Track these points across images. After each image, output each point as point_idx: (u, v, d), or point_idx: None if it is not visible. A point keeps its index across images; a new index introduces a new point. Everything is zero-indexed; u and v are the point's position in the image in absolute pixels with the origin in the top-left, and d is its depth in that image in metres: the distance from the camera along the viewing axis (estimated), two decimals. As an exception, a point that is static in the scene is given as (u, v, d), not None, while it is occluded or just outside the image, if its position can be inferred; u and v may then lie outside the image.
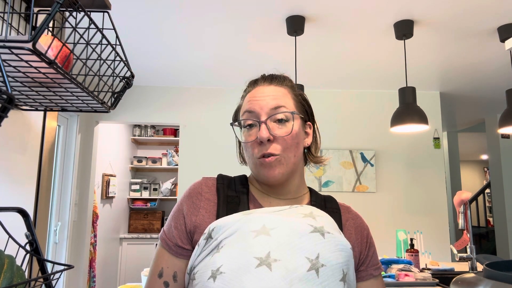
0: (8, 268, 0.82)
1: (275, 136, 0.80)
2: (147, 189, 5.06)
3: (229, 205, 0.82)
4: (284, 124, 0.81)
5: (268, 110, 0.81)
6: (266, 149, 0.79)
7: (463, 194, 2.04)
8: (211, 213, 0.81)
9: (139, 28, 2.66)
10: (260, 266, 0.68)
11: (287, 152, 0.81)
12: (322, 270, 0.69)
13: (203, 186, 0.85)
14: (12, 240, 0.92)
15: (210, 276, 0.70)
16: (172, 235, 0.81)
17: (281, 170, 0.80)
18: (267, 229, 0.73)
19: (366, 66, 3.35)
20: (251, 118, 0.82)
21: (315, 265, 0.69)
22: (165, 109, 3.96)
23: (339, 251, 0.73)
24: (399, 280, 1.97)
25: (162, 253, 0.81)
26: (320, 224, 0.75)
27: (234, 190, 0.85)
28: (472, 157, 8.82)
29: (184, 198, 0.85)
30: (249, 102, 0.84)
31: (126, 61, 1.04)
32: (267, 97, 0.83)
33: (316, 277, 0.69)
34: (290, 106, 0.84)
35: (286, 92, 0.86)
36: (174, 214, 0.84)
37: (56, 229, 3.26)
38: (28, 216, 0.98)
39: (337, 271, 0.71)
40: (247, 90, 0.89)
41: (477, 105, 4.59)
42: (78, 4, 0.83)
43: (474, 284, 0.68)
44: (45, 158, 1.35)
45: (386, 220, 3.83)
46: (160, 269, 0.80)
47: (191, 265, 0.77)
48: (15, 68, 0.83)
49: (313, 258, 0.70)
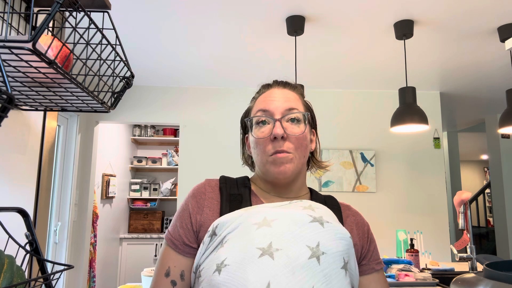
0: (8, 268, 0.82)
1: (288, 135, 0.83)
2: (147, 189, 5.06)
3: (232, 203, 0.84)
4: (297, 125, 0.85)
5: (283, 110, 0.85)
6: (280, 146, 0.82)
7: (463, 194, 2.04)
8: (215, 211, 0.83)
9: (139, 28, 2.66)
10: (263, 256, 0.70)
11: (298, 151, 0.84)
12: (323, 258, 0.71)
13: (206, 186, 0.88)
14: (12, 240, 0.92)
15: (215, 270, 0.71)
16: (178, 234, 0.83)
17: (291, 168, 0.83)
18: (268, 221, 0.75)
19: (366, 66, 3.35)
20: (265, 116, 0.86)
21: (315, 253, 0.71)
22: (165, 109, 3.96)
23: (338, 239, 0.75)
24: (399, 280, 1.97)
25: (168, 252, 0.82)
26: (319, 215, 0.78)
27: (237, 189, 0.87)
28: (472, 157, 8.82)
29: (188, 198, 0.87)
30: (263, 102, 0.88)
31: (126, 61, 1.04)
32: (282, 98, 0.87)
33: (317, 265, 0.70)
34: (301, 109, 0.88)
35: (297, 97, 0.91)
36: (179, 215, 0.85)
37: (56, 229, 3.26)
38: (28, 216, 0.98)
39: (337, 258, 0.73)
40: (260, 91, 0.93)
41: (477, 105, 4.59)
42: (78, 4, 0.83)
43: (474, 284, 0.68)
44: (45, 158, 1.35)
45: (386, 220, 3.83)
46: (167, 268, 0.81)
47: (197, 263, 0.78)
48: (15, 68, 0.83)
49: (313, 246, 0.72)
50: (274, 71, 3.45)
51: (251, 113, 0.91)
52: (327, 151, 3.90)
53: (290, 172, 0.83)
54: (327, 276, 0.70)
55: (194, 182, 3.84)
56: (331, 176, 3.88)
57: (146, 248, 4.74)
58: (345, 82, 3.82)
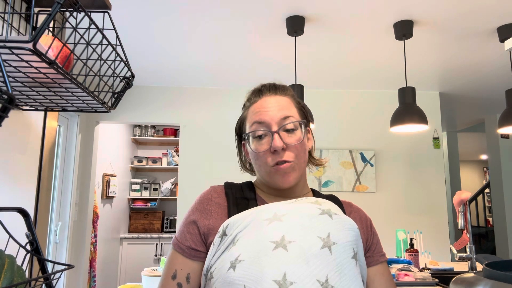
0: (8, 268, 0.82)
1: (287, 145, 0.85)
2: (147, 189, 5.06)
3: (239, 206, 0.86)
4: (294, 133, 0.86)
5: (278, 120, 0.86)
6: (281, 157, 0.84)
7: (463, 194, 2.04)
8: (223, 215, 0.85)
9: (139, 28, 2.66)
10: (277, 248, 0.72)
11: (299, 158, 0.86)
12: (334, 248, 0.73)
13: (212, 192, 0.89)
14: (13, 240, 0.92)
15: (229, 267, 0.72)
16: (185, 239, 0.84)
17: (295, 176, 0.86)
18: (278, 216, 0.77)
19: (366, 66, 3.35)
20: (261, 129, 0.86)
21: (327, 243, 0.73)
22: (165, 109, 3.96)
23: (347, 230, 0.77)
24: (399, 280, 1.97)
25: (175, 256, 0.84)
26: (327, 207, 0.80)
27: (242, 193, 0.89)
28: (471, 157, 8.82)
29: (195, 205, 0.88)
30: (258, 113, 0.87)
31: (127, 61, 1.05)
32: (275, 107, 0.87)
33: (329, 254, 0.72)
34: (295, 115, 0.88)
35: (289, 101, 0.90)
36: (185, 221, 0.87)
37: (57, 229, 3.27)
38: (28, 216, 0.98)
39: (348, 248, 0.75)
40: (251, 100, 0.92)
41: (477, 105, 4.59)
42: (78, 4, 0.83)
43: (473, 283, 0.68)
44: (45, 158, 1.36)
45: (386, 220, 3.83)
46: (174, 271, 0.82)
47: (208, 265, 0.79)
48: (15, 68, 0.83)
49: (324, 237, 0.74)
50: (274, 71, 3.45)
51: (245, 123, 0.91)
52: (327, 151, 3.90)
53: (294, 180, 0.86)
54: (340, 265, 0.72)
55: (194, 182, 3.85)
56: (331, 176, 3.89)
57: (147, 248, 4.74)
58: (345, 82, 3.82)
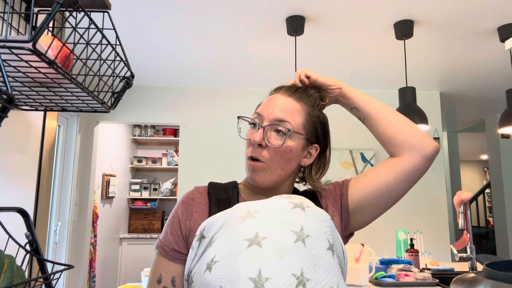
0: (8, 268, 0.82)
1: (267, 144, 0.84)
2: (147, 189, 5.06)
3: (220, 206, 0.85)
4: (281, 137, 0.85)
5: (272, 119, 0.85)
6: (255, 153, 0.85)
7: (463, 194, 2.04)
8: (204, 216, 0.85)
9: (139, 28, 2.66)
10: (251, 245, 0.71)
11: (273, 162, 0.85)
12: (308, 240, 0.73)
13: (195, 192, 0.90)
14: (12, 240, 0.92)
15: (205, 269, 0.72)
16: (168, 241, 0.84)
17: (263, 177, 0.85)
18: (251, 212, 0.77)
19: (366, 66, 3.35)
20: (256, 119, 0.88)
21: (300, 236, 0.73)
22: (165, 109, 3.96)
23: (320, 222, 0.77)
24: (399, 280, 1.97)
25: (160, 259, 0.84)
26: (299, 201, 0.80)
27: (225, 193, 0.89)
28: (472, 157, 8.81)
29: (178, 206, 0.88)
30: (262, 105, 0.89)
31: (126, 61, 1.04)
32: (279, 107, 0.87)
33: (303, 247, 0.72)
34: (295, 124, 0.86)
35: (300, 109, 0.88)
36: (169, 222, 0.87)
37: (56, 229, 3.26)
38: (28, 216, 0.98)
39: (322, 240, 0.75)
40: (270, 93, 0.94)
41: (477, 105, 4.59)
42: (78, 4, 0.83)
43: (474, 284, 0.68)
44: (45, 158, 1.35)
45: (386, 220, 3.80)
46: (159, 275, 0.83)
47: (188, 270, 0.79)
48: (15, 68, 0.83)
49: (297, 231, 0.74)
50: (274, 71, 3.45)
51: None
52: (327, 151, 3.90)
53: (261, 180, 0.85)
54: (314, 257, 0.72)
55: (194, 182, 3.84)
56: (331, 176, 3.88)
57: (146, 248, 4.74)
58: (345, 82, 3.81)
